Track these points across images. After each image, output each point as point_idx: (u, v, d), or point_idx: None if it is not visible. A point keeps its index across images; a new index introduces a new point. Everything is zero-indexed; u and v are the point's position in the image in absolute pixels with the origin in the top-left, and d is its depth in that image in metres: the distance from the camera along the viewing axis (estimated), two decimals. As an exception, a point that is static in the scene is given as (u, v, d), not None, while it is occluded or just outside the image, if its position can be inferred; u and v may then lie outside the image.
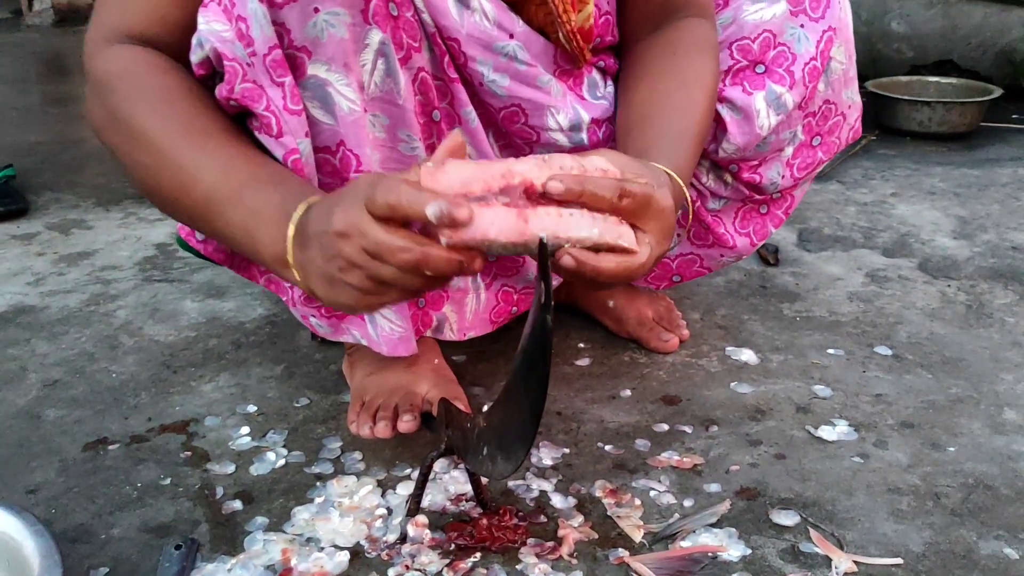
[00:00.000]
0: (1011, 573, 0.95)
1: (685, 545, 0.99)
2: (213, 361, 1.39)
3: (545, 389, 0.79)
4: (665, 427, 1.21)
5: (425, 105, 1.03)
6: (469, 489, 1.05)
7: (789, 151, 1.25)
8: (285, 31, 0.91)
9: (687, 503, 1.06)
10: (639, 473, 1.12)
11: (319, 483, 1.09)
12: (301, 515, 1.04)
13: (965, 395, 1.28)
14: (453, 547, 0.99)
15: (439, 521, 1.03)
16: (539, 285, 0.74)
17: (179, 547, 0.95)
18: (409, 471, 1.11)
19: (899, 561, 0.96)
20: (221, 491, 1.08)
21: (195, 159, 0.89)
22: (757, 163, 1.24)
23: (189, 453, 1.16)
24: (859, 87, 1.28)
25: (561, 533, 1.00)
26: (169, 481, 1.10)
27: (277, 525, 1.03)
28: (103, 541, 1.00)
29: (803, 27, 1.15)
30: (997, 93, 2.57)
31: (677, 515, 1.04)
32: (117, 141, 0.94)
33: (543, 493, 1.08)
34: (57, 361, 1.39)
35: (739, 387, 1.30)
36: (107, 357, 1.40)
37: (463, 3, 0.99)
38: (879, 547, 0.99)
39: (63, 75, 3.80)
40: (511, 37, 1.03)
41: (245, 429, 1.21)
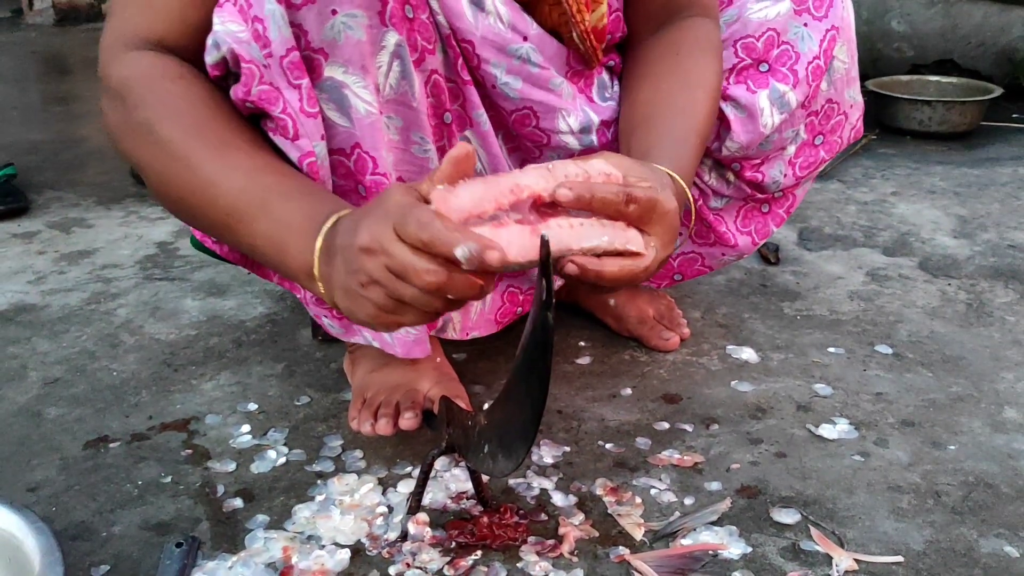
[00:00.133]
0: (1012, 571, 0.95)
1: (686, 543, 0.99)
2: (214, 359, 1.39)
3: (546, 387, 0.79)
4: (666, 425, 1.21)
5: (437, 107, 1.03)
6: (470, 487, 1.05)
7: (791, 150, 1.25)
8: (302, 32, 0.90)
9: (688, 501, 1.06)
10: (640, 471, 1.12)
11: (320, 481, 1.10)
12: (302, 513, 1.04)
13: (965, 393, 1.28)
14: (454, 545, 0.99)
15: (440, 519, 1.03)
16: (540, 283, 0.74)
17: (180, 545, 0.95)
18: (410, 469, 1.12)
19: (900, 559, 0.97)
20: (222, 489, 1.09)
21: (220, 169, 0.88)
22: (759, 162, 1.24)
23: (190, 451, 1.16)
24: (860, 86, 1.28)
25: (562, 531, 1.00)
26: (170, 479, 1.11)
27: (278, 523, 1.03)
28: (104, 539, 1.01)
29: (807, 26, 1.15)
30: (997, 92, 2.56)
31: (678, 513, 1.04)
32: (137, 150, 0.93)
33: (544, 491, 1.08)
34: (58, 359, 1.39)
35: (740, 385, 1.30)
36: (108, 355, 1.40)
37: (478, 5, 0.99)
38: (880, 545, 0.99)
39: (64, 74, 3.80)
40: (525, 39, 1.04)
41: (246, 427, 1.21)
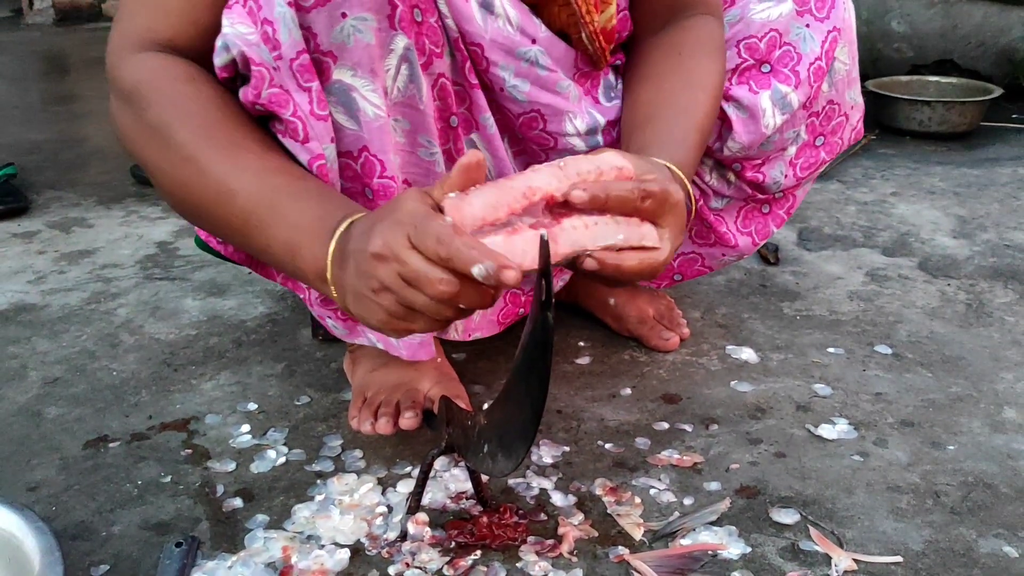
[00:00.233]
0: (1011, 571, 0.95)
1: (685, 543, 0.99)
2: (214, 359, 1.39)
3: (546, 387, 0.79)
4: (665, 425, 1.21)
5: (443, 110, 1.03)
6: (469, 487, 1.05)
7: (792, 150, 1.25)
8: (311, 35, 0.90)
9: (687, 501, 1.06)
10: (639, 471, 1.12)
11: (320, 481, 1.10)
12: (302, 513, 1.04)
13: (965, 394, 1.28)
14: (453, 545, 0.99)
15: (439, 519, 1.03)
16: (540, 284, 0.74)
17: (180, 544, 0.96)
18: (409, 469, 1.12)
19: (899, 559, 0.97)
20: (222, 489, 1.09)
21: (231, 172, 0.88)
22: (760, 162, 1.24)
23: (190, 451, 1.16)
24: (860, 87, 1.28)
25: (561, 531, 1.00)
26: (170, 479, 1.11)
27: (278, 523, 1.03)
28: (104, 538, 1.01)
29: (808, 27, 1.15)
30: (997, 93, 2.57)
31: (677, 513, 1.04)
32: (148, 152, 0.92)
33: (543, 491, 1.08)
34: (58, 359, 1.39)
35: (739, 386, 1.30)
36: (108, 355, 1.40)
37: (487, 8, 0.99)
38: (879, 545, 0.99)
39: (64, 74, 3.81)
40: (533, 42, 1.04)
41: (246, 427, 1.21)
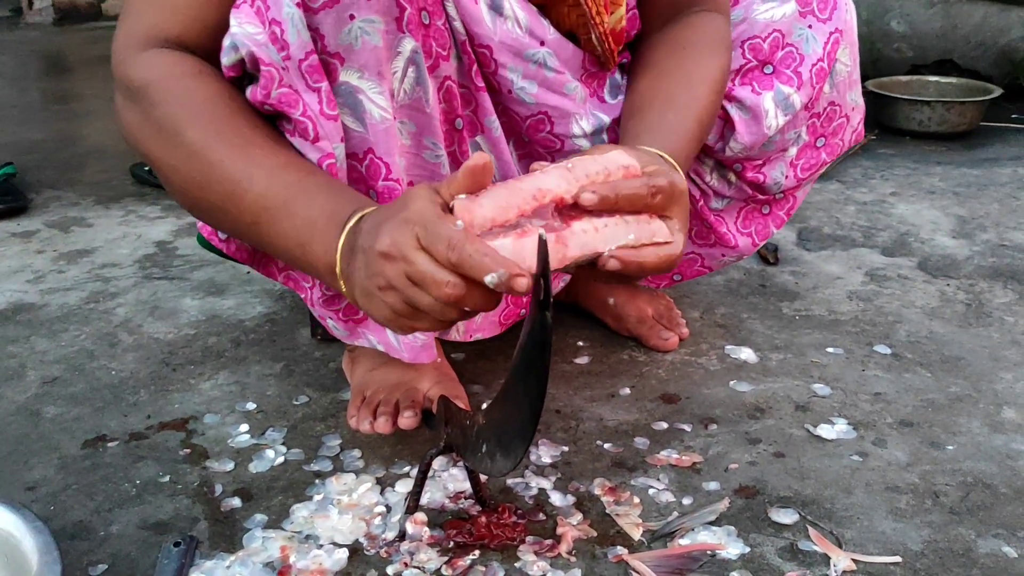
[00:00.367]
0: (1010, 571, 0.95)
1: (684, 543, 0.99)
2: (212, 359, 1.39)
3: (544, 387, 0.79)
4: (664, 425, 1.21)
5: (449, 113, 1.03)
6: (468, 487, 1.05)
7: (793, 151, 1.25)
8: (318, 36, 0.90)
9: (686, 501, 1.06)
10: (638, 471, 1.12)
11: (318, 480, 1.09)
12: (300, 512, 1.04)
13: (964, 394, 1.28)
14: (452, 544, 0.99)
15: (438, 519, 1.03)
16: (538, 283, 0.74)
17: (178, 544, 0.95)
18: (408, 469, 1.12)
19: (898, 559, 0.97)
20: (220, 488, 1.09)
21: (244, 168, 0.87)
22: (761, 163, 1.24)
23: (188, 450, 1.16)
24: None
25: (560, 531, 1.00)
26: (168, 478, 1.11)
27: (276, 522, 1.03)
28: (102, 538, 1.01)
29: (811, 28, 1.15)
30: (997, 93, 2.56)
31: (676, 513, 1.04)
32: (157, 150, 0.91)
33: (542, 491, 1.08)
34: (56, 358, 1.39)
35: (738, 385, 1.30)
36: (106, 355, 1.40)
37: (496, 10, 0.99)
38: (878, 545, 0.99)
39: (63, 73, 3.80)
40: (542, 44, 1.04)
41: (244, 427, 1.21)
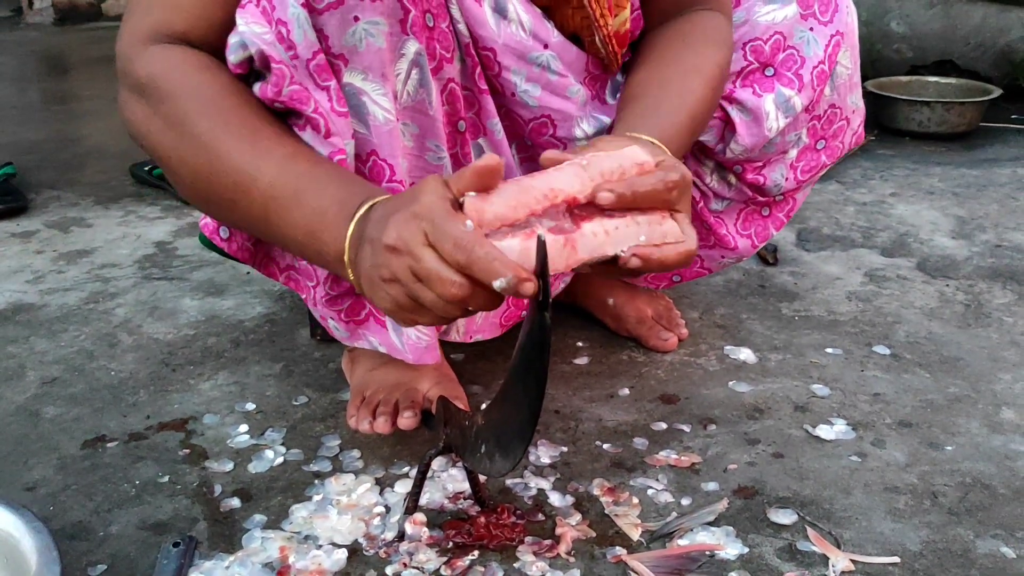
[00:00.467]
0: (1008, 572, 0.95)
1: (682, 543, 0.99)
2: (212, 359, 1.39)
3: (543, 387, 0.79)
4: (663, 426, 1.21)
5: (452, 115, 1.03)
6: (467, 487, 1.05)
7: (793, 153, 1.25)
8: (323, 38, 0.90)
9: (685, 502, 1.06)
10: (637, 471, 1.12)
11: (317, 481, 1.10)
12: (299, 513, 1.04)
13: (963, 394, 1.28)
14: (451, 545, 0.99)
15: (437, 519, 1.03)
16: (537, 284, 0.74)
17: (177, 544, 0.96)
18: (407, 469, 1.12)
19: (896, 560, 0.97)
20: (219, 489, 1.09)
21: (253, 159, 0.88)
22: (761, 165, 1.24)
23: (187, 451, 1.16)
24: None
25: (559, 531, 1.00)
26: (167, 479, 1.11)
27: (275, 523, 1.03)
28: (101, 538, 1.01)
29: (812, 30, 1.15)
30: (996, 93, 2.56)
31: (675, 513, 1.04)
32: (164, 144, 0.91)
33: (541, 491, 1.08)
34: (56, 359, 1.39)
35: (737, 386, 1.30)
36: (106, 355, 1.40)
37: (501, 13, 1.00)
38: (876, 546, 0.99)
39: (63, 73, 3.80)
40: (545, 47, 1.04)
41: (244, 427, 1.21)
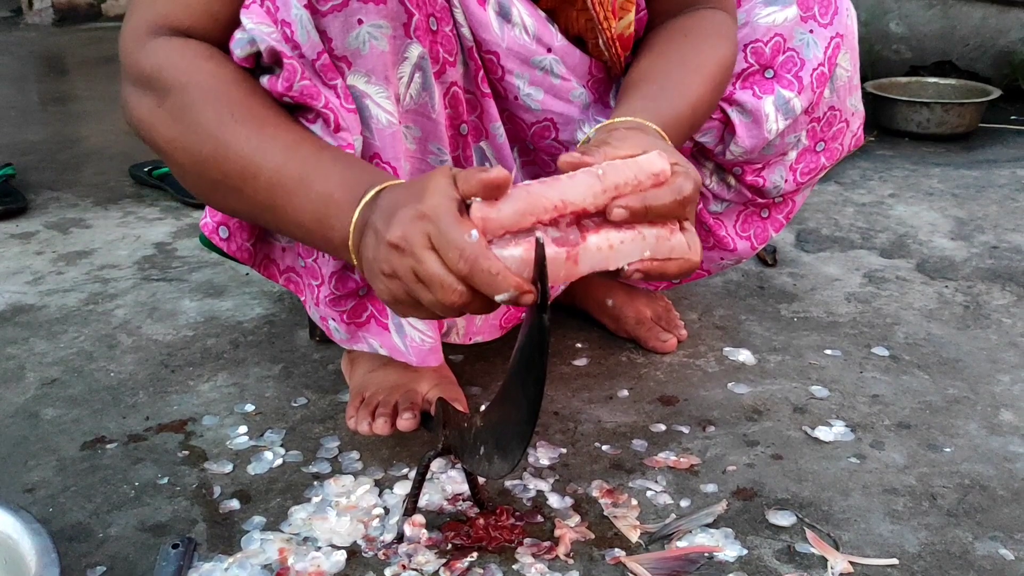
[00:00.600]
0: (1007, 573, 0.95)
1: (681, 545, 0.99)
2: (211, 360, 1.39)
3: (542, 389, 0.79)
4: (662, 427, 1.21)
5: (454, 118, 1.04)
6: (466, 489, 1.05)
7: (793, 155, 1.25)
8: (326, 40, 0.91)
9: (684, 503, 1.06)
10: (636, 473, 1.12)
11: (316, 482, 1.10)
12: (298, 514, 1.04)
13: (962, 396, 1.28)
14: (450, 546, 0.99)
15: (436, 521, 1.03)
16: (536, 286, 0.74)
17: (176, 546, 0.96)
18: (406, 471, 1.12)
19: (895, 562, 0.97)
20: (219, 490, 1.09)
21: (259, 145, 0.88)
22: (761, 166, 1.24)
23: (187, 452, 1.16)
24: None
25: (558, 533, 1.01)
26: (167, 480, 1.11)
27: (274, 524, 1.03)
28: (100, 540, 1.01)
29: (812, 32, 1.16)
30: (995, 94, 2.57)
31: (674, 515, 1.04)
32: (169, 135, 0.91)
33: (540, 493, 1.08)
34: (55, 360, 1.39)
35: (736, 387, 1.31)
36: (105, 356, 1.40)
37: (504, 17, 1.00)
38: (875, 548, 0.99)
39: (63, 74, 3.80)
40: (549, 51, 1.04)
41: (243, 428, 1.21)
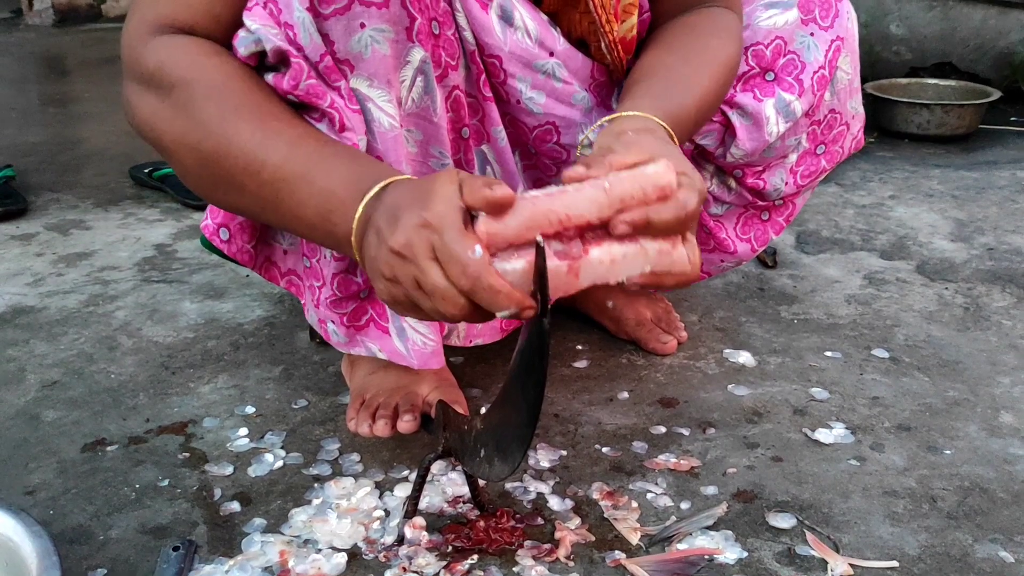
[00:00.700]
0: (1006, 576, 0.96)
1: (682, 547, 0.99)
2: (211, 362, 1.39)
3: (542, 391, 0.79)
4: (662, 429, 1.21)
5: (456, 122, 1.04)
6: (466, 491, 1.05)
7: (793, 158, 1.26)
8: (328, 43, 0.91)
9: (684, 505, 1.06)
10: (636, 475, 1.12)
11: (317, 485, 1.10)
12: (299, 517, 1.04)
13: (962, 398, 1.29)
14: (450, 549, 0.99)
15: (436, 523, 1.03)
16: (536, 288, 0.74)
17: (177, 548, 0.96)
18: (407, 473, 1.12)
19: (895, 564, 0.97)
20: (219, 492, 1.09)
21: (262, 140, 0.88)
22: (761, 169, 1.25)
23: (187, 454, 1.16)
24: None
25: (558, 535, 1.01)
26: (167, 482, 1.11)
27: (275, 527, 1.03)
28: (101, 542, 1.01)
29: (813, 35, 1.16)
30: (995, 96, 2.57)
31: (674, 517, 1.04)
32: (172, 132, 0.91)
33: (540, 495, 1.08)
34: (56, 362, 1.39)
35: (736, 389, 1.31)
36: (106, 358, 1.40)
37: (506, 21, 1.00)
38: (875, 550, 0.99)
39: (63, 75, 3.80)
40: (551, 55, 1.05)
41: (243, 430, 1.21)
